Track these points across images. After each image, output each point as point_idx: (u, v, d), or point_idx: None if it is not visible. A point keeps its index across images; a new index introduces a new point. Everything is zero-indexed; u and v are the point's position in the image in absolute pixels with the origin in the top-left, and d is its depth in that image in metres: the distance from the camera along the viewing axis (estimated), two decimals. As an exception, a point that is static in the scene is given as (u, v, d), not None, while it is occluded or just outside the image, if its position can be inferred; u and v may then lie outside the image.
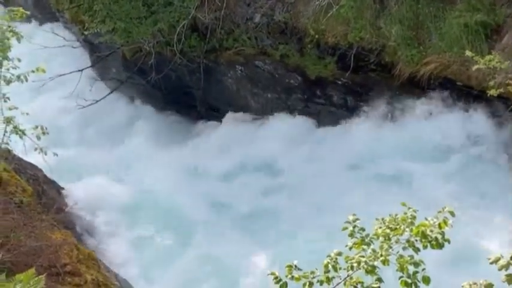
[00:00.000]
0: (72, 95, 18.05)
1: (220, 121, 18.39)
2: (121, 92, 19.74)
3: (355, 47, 15.97)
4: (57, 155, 11.91)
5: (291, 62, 17.20)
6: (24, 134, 11.48)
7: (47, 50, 18.68)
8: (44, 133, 11.61)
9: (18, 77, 11.08)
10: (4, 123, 11.29)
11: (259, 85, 17.52)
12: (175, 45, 17.03)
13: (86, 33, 17.97)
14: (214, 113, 18.91)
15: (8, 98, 11.16)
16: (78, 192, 14.69)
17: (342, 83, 16.59)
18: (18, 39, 10.42)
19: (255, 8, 17.84)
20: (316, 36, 16.67)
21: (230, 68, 17.79)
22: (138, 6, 16.82)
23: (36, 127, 11.51)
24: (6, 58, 10.76)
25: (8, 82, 10.62)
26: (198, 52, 17.82)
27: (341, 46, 16.34)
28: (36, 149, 11.86)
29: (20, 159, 13.46)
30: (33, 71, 11.21)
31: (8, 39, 10.64)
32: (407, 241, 5.79)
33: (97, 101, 18.35)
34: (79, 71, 18.88)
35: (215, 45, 17.86)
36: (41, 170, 13.86)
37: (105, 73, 20.58)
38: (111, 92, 19.03)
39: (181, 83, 18.59)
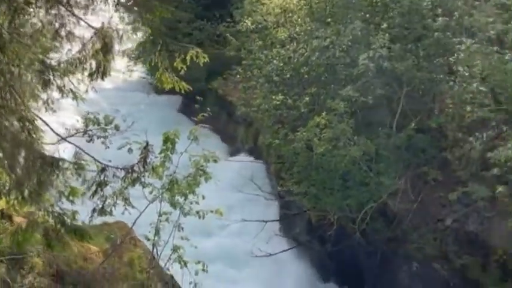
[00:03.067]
0: (249, 242, 18.60)
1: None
2: (297, 252, 20.01)
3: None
4: (207, 292, 12.22)
5: (470, 275, 16.39)
6: (186, 266, 11.98)
7: (240, 194, 19.71)
8: (204, 270, 12.03)
9: (198, 212, 11.78)
10: (171, 250, 11.92)
11: (431, 288, 16.83)
12: (358, 224, 17.09)
13: (279, 188, 18.74)
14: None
15: (182, 228, 11.83)
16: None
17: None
18: (206, 179, 11.17)
19: (448, 211, 17.50)
20: (504, 257, 15.82)
21: (407, 262, 17.36)
22: (334, 178, 17.25)
23: (199, 262, 11.98)
24: (192, 192, 11.54)
25: (185, 214, 11.30)
26: (380, 237, 17.69)
27: (529, 276, 15.34)
28: (190, 283, 12.28)
29: (179, 288, 13.94)
30: (211, 211, 11.88)
31: (200, 176, 11.46)
32: None
33: (270, 255, 18.72)
34: (264, 221, 19.55)
35: (399, 236, 17.64)
36: (195, 306, 14.18)
37: (288, 230, 21.06)
38: (286, 251, 19.34)
39: (355, 262, 18.40)
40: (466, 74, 17.29)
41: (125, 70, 33.05)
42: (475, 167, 17.07)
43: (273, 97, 18.43)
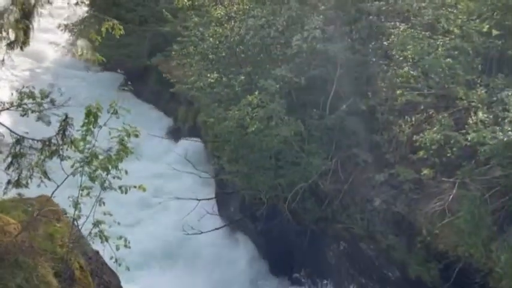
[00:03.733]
0: (181, 221, 18.60)
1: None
2: (230, 230, 20.13)
3: (462, 262, 15.29)
4: (129, 269, 12.19)
5: (395, 255, 16.75)
6: (106, 241, 11.88)
7: (174, 171, 19.69)
8: (126, 246, 11.95)
9: (120, 187, 11.69)
10: (92, 224, 11.80)
11: (357, 267, 17.13)
12: (287, 203, 17.24)
13: (212, 167, 18.74)
14: (310, 281, 18.63)
15: (104, 203, 11.72)
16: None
17: (440, 292, 15.83)
18: (126, 154, 11.09)
19: (377, 192, 17.80)
20: (428, 238, 16.19)
21: (335, 242, 17.64)
22: (266, 157, 17.34)
23: (121, 238, 11.89)
24: (115, 167, 11.42)
25: (105, 188, 11.20)
26: (310, 217, 17.89)
27: (449, 256, 15.72)
28: (111, 258, 12.21)
29: (104, 264, 13.83)
30: (134, 187, 11.80)
31: (123, 151, 11.34)
32: None
33: (201, 232, 18.77)
34: (197, 200, 19.55)
35: (328, 215, 17.88)
36: (118, 279, 14.11)
37: (222, 208, 21.15)
38: (217, 229, 19.42)
39: (285, 241, 18.61)
40: (400, 58, 17.56)
41: (65, 45, 32.50)
42: (404, 150, 17.40)
43: (208, 75, 18.39)
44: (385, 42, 17.64)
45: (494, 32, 15.95)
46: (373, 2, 17.20)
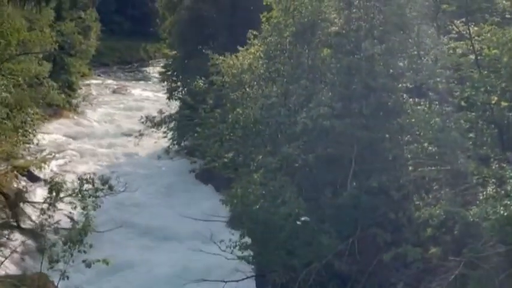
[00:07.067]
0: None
1: None
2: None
3: None
4: None
5: None
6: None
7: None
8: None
9: (84, 261, 12.09)
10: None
11: None
12: (299, 283, 16.73)
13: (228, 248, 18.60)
14: None
15: (67, 277, 12.10)
16: None
17: None
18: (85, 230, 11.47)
19: (400, 275, 17.05)
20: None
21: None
22: (278, 236, 16.97)
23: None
24: (79, 242, 11.84)
25: (56, 262, 11.56)
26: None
27: None
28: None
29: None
30: (98, 261, 12.13)
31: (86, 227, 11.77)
32: None
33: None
34: (224, 281, 19.21)
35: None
36: None
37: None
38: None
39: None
40: (416, 133, 17.06)
41: (138, 135, 33.79)
42: (422, 228, 16.62)
43: (225, 155, 18.63)
44: (398, 119, 17.26)
45: (503, 104, 15.27)
46: (382, 78, 16.93)
